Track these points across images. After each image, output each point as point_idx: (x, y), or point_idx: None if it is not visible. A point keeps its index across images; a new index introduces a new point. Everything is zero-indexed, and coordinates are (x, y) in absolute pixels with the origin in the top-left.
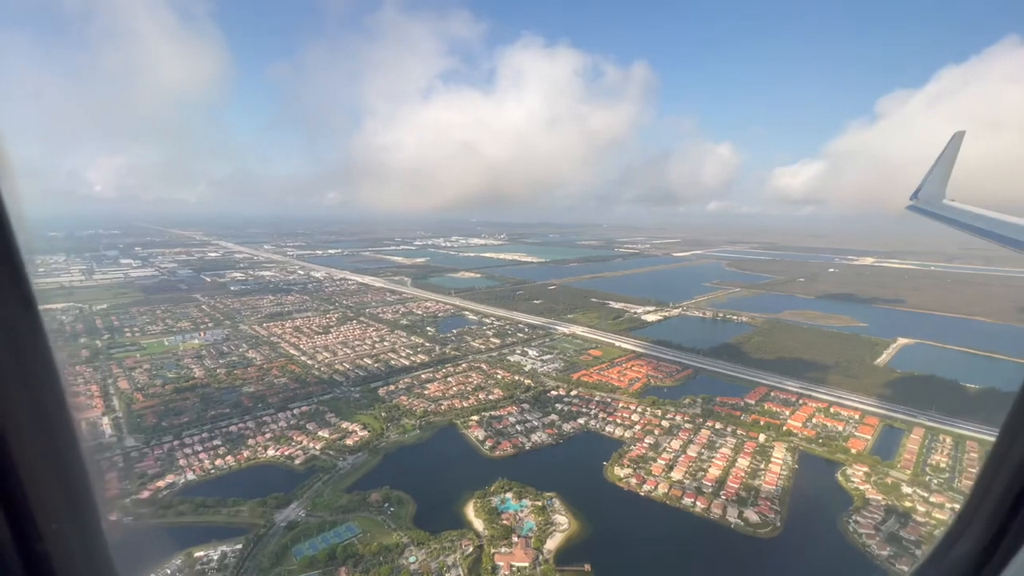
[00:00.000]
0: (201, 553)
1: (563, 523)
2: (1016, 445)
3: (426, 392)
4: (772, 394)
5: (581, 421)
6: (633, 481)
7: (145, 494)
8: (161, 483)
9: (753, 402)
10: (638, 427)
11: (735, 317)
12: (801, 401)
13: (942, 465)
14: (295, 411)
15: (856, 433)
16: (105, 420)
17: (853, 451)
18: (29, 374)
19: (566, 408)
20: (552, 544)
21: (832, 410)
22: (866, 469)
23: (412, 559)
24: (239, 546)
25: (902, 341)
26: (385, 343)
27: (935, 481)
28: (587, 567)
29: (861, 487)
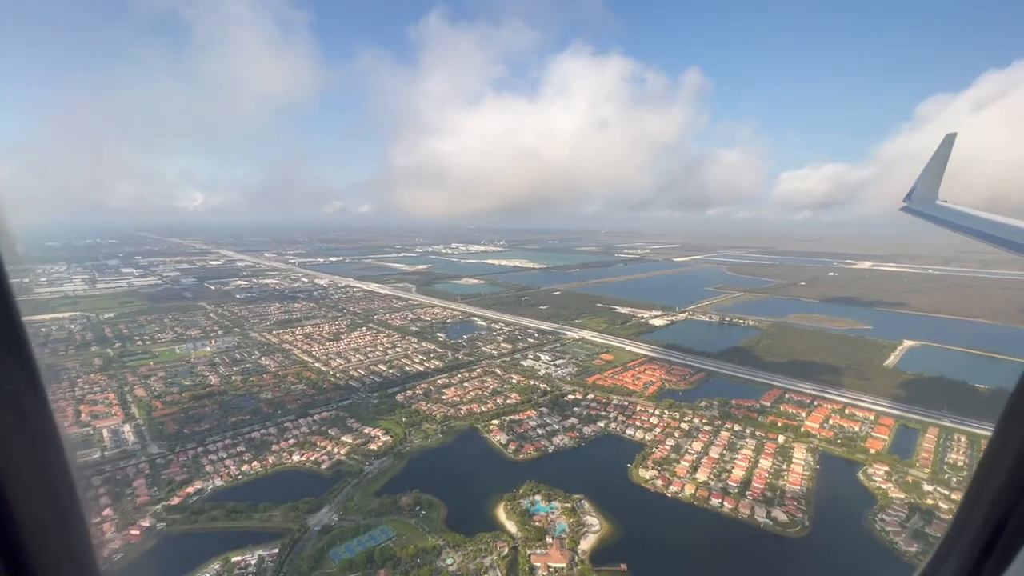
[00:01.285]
0: (239, 558)
1: (594, 524)
2: (1007, 450)
3: (444, 397)
4: (787, 396)
5: (601, 424)
6: (659, 483)
7: (175, 500)
8: (190, 489)
9: (769, 404)
10: (658, 429)
11: (742, 321)
12: (816, 403)
13: (959, 463)
14: (315, 417)
15: (873, 433)
16: (127, 427)
17: (872, 451)
18: (14, 392)
19: (584, 412)
20: (586, 545)
21: (847, 411)
22: (886, 468)
23: (449, 561)
24: (275, 550)
25: (908, 343)
26: (397, 349)
27: (955, 479)
28: (623, 567)
29: (883, 486)
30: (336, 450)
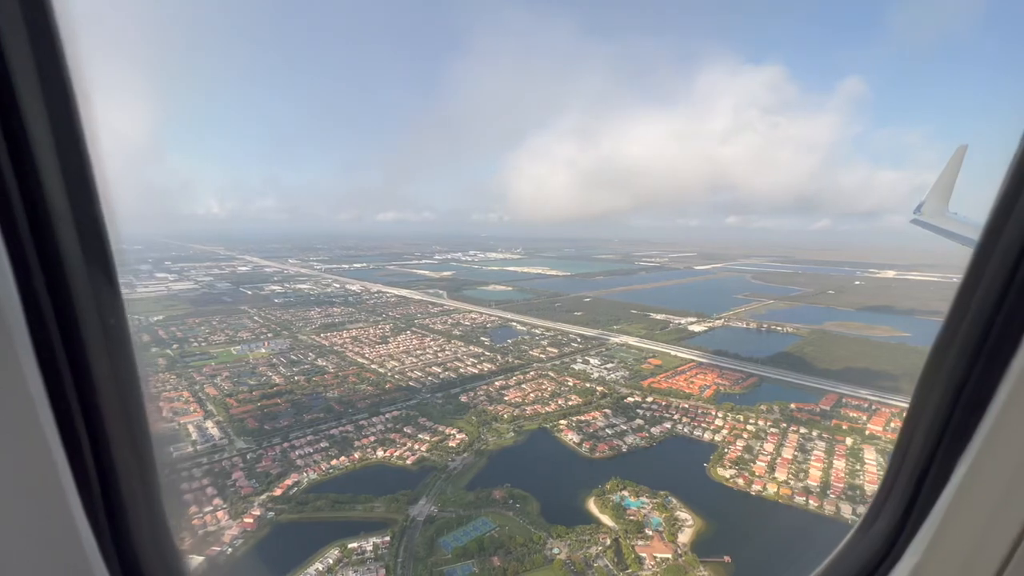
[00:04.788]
0: (354, 544)
1: (687, 519)
2: (925, 410)
3: (506, 398)
4: (844, 400)
5: (667, 425)
6: (740, 481)
7: (277, 492)
8: (288, 481)
9: (828, 408)
10: (724, 431)
11: (780, 328)
12: (874, 407)
13: None
14: (387, 415)
15: None
16: (209, 423)
17: None
18: (118, 379)
19: (648, 413)
20: (684, 538)
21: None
22: None
23: (556, 550)
24: (387, 538)
25: None
26: (447, 352)
27: None
28: (727, 559)
29: None
30: (417, 447)
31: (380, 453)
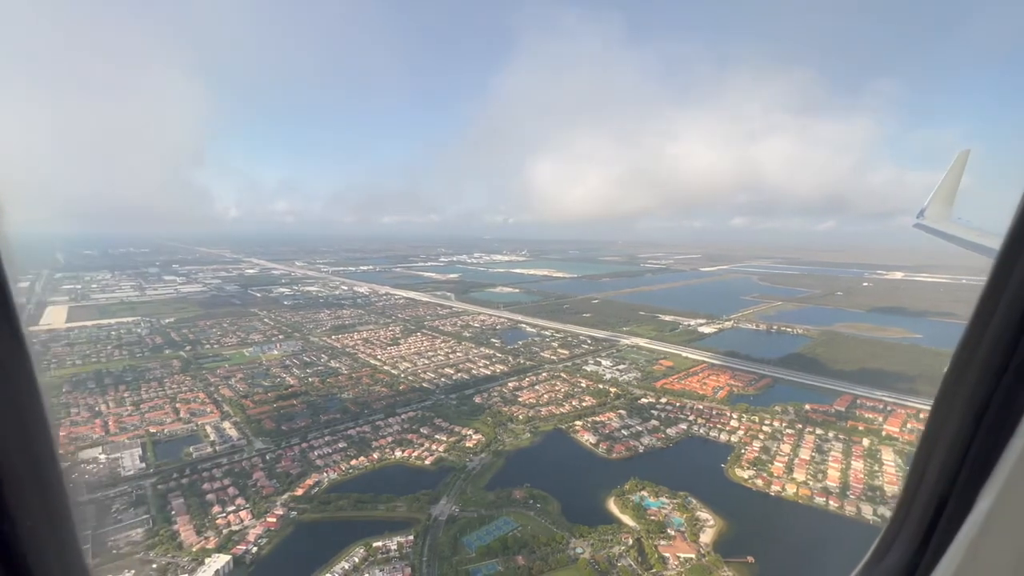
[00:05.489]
0: (379, 543)
1: (708, 519)
2: (943, 432)
3: (520, 399)
4: (858, 401)
5: (683, 427)
6: (759, 482)
7: (299, 491)
8: (309, 481)
9: (843, 409)
10: (740, 432)
11: (790, 329)
12: (890, 408)
13: None
14: (403, 416)
15: None
16: (226, 424)
17: None
18: (15, 400)
19: (663, 414)
20: (706, 538)
21: (921, 416)
22: None
23: (579, 550)
24: (411, 537)
25: None
26: (458, 354)
27: None
28: (750, 559)
29: None
30: (435, 447)
31: (398, 453)
